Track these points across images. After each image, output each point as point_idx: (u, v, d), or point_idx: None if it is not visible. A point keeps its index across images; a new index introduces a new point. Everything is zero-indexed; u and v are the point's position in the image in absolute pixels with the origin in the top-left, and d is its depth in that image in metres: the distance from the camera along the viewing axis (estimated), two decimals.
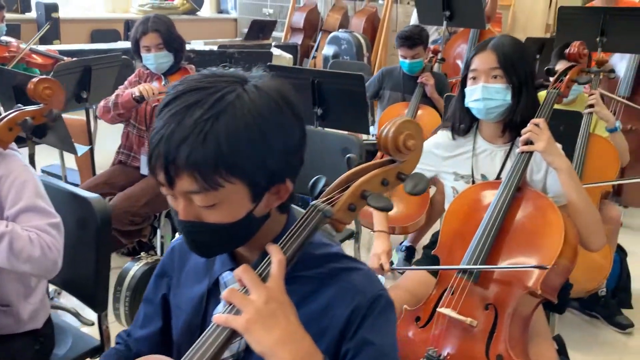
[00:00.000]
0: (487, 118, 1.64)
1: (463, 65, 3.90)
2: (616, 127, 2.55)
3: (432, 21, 3.64)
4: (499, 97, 1.59)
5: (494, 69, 1.58)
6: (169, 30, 2.45)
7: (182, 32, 7.24)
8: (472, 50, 1.65)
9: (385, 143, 0.83)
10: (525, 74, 1.60)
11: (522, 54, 1.62)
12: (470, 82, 1.63)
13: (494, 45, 1.60)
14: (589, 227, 1.54)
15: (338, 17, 6.80)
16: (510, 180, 1.49)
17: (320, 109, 2.55)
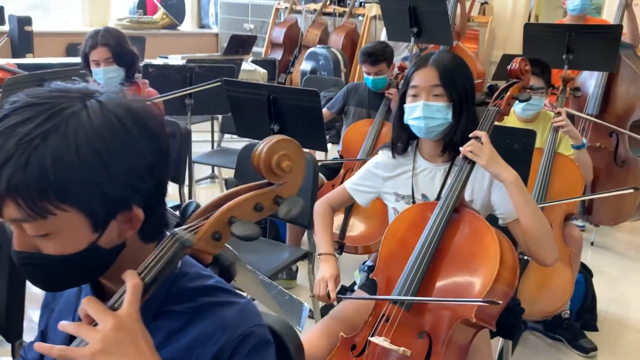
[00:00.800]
0: (427, 137, 1.59)
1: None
2: (584, 143, 2.51)
3: (401, 37, 3.61)
4: (440, 116, 1.54)
5: (435, 86, 1.54)
6: (119, 44, 2.38)
7: (161, 46, 7.22)
8: (412, 66, 1.60)
9: (258, 163, 0.77)
10: (466, 91, 1.55)
11: (462, 70, 1.57)
12: (410, 98, 1.57)
13: (435, 61, 1.55)
14: (542, 241, 1.48)
15: (317, 33, 6.80)
16: (447, 201, 1.43)
17: (276, 126, 2.49)
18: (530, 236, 1.47)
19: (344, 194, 1.76)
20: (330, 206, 1.77)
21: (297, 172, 0.79)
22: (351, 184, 1.75)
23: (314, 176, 2.21)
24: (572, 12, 3.59)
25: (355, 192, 1.74)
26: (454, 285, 1.37)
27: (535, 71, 2.52)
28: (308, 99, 2.39)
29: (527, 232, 1.47)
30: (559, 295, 2.31)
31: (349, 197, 1.75)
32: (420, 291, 1.37)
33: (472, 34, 5.70)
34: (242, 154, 2.38)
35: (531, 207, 1.47)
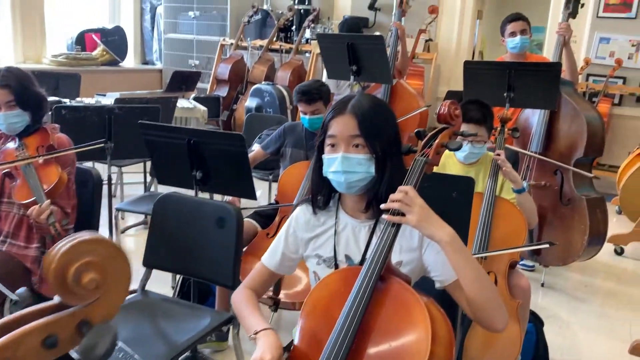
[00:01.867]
0: (348, 192, 1.40)
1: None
2: (524, 187, 2.38)
3: (340, 76, 3.48)
4: (361, 170, 1.35)
5: (355, 136, 1.35)
6: (23, 85, 2.13)
7: (103, 82, 6.92)
8: (330, 112, 1.42)
9: (47, 274, 0.54)
10: (390, 140, 1.38)
11: (385, 116, 1.40)
12: (328, 149, 1.39)
13: (354, 107, 1.37)
14: (488, 306, 1.28)
15: (264, 69, 6.67)
16: (370, 269, 1.23)
17: (199, 172, 2.27)
18: (475, 302, 1.28)
19: (263, 272, 1.53)
20: (251, 290, 1.52)
21: (111, 286, 0.55)
22: (268, 257, 1.53)
23: (237, 231, 1.99)
24: (511, 50, 3.54)
25: (275, 265, 1.51)
26: None
27: (477, 118, 2.40)
28: (232, 144, 2.19)
29: (470, 297, 1.28)
30: (507, 352, 2.14)
31: (270, 273, 1.52)
32: None
33: (417, 71, 5.67)
34: (157, 207, 2.14)
35: (473, 270, 1.28)
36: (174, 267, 2.19)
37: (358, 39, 3.30)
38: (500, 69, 3.08)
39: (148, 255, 2.17)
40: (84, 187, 2.40)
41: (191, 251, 2.09)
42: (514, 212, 2.31)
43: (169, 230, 2.14)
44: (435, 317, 1.19)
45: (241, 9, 7.10)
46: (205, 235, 2.07)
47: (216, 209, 2.07)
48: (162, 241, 2.15)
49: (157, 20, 7.81)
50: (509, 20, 3.51)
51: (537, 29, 7.16)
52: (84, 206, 2.40)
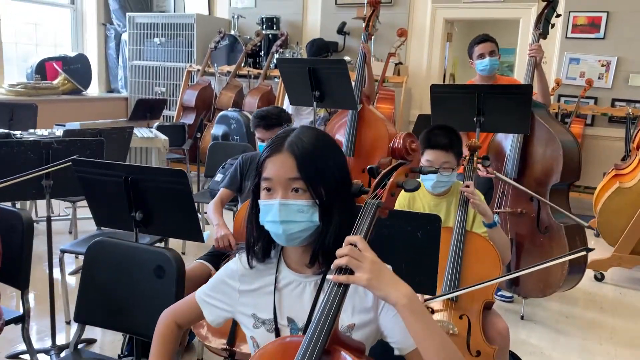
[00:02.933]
0: (289, 244, 1.19)
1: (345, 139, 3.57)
2: (494, 221, 2.19)
3: (303, 102, 3.30)
4: (302, 218, 1.14)
5: (294, 179, 1.14)
6: None
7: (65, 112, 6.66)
8: (264, 149, 1.21)
9: None
10: (336, 181, 1.17)
11: (329, 154, 1.18)
12: (264, 193, 1.17)
13: (292, 145, 1.16)
14: None
15: (231, 96, 6.49)
16: (313, 340, 1.01)
17: (139, 214, 2.04)
18: None
19: (192, 306, 1.32)
20: (175, 322, 1.34)
21: None
22: (202, 293, 1.31)
23: (177, 282, 1.76)
24: (481, 73, 3.40)
25: (205, 305, 1.30)
26: None
27: (443, 144, 2.22)
28: (173, 181, 1.96)
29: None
30: None
31: (199, 310, 1.31)
32: None
33: (388, 95, 5.54)
34: (89, 254, 1.89)
35: (435, 337, 1.06)
36: (108, 323, 1.93)
37: (319, 63, 3.13)
38: (469, 92, 2.93)
39: (79, 309, 1.91)
40: (12, 232, 2.14)
41: (127, 304, 1.85)
42: (486, 247, 2.12)
43: (103, 280, 1.89)
44: None
45: (208, 35, 6.94)
46: (142, 286, 1.83)
47: (154, 256, 1.82)
48: (95, 293, 1.89)
49: (122, 48, 7.60)
50: (476, 42, 3.37)
51: (507, 51, 7.14)
52: (12, 252, 2.14)
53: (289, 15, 6.92)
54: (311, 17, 6.91)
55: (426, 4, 6.26)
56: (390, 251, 1.72)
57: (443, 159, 2.22)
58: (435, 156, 2.22)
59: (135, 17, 7.35)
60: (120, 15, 7.50)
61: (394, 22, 6.18)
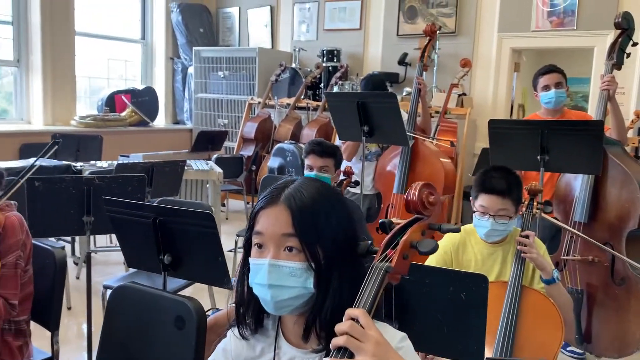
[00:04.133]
0: (278, 313, 1.03)
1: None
2: (554, 277, 1.93)
3: (352, 137, 3.16)
4: (294, 284, 0.98)
5: (288, 236, 0.99)
6: None
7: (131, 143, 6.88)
8: (259, 200, 1.06)
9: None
10: (338, 243, 1.00)
11: (332, 209, 1.03)
12: (255, 250, 1.03)
13: (289, 197, 1.01)
14: None
15: (290, 127, 6.46)
16: None
17: (167, 257, 1.95)
18: None
19: None
20: None
21: None
22: None
23: (198, 336, 1.63)
24: (546, 105, 3.14)
25: None
26: None
27: (500, 189, 2.00)
28: (200, 223, 1.86)
29: None
30: None
31: None
32: None
33: (450, 127, 5.30)
34: (112, 300, 1.81)
35: None
36: None
37: (368, 97, 2.99)
38: (532, 128, 2.68)
39: (100, 357, 1.83)
40: (44, 271, 2.11)
41: (146, 355, 1.74)
42: (546, 305, 1.86)
43: (123, 329, 1.80)
44: None
45: (270, 68, 7.00)
46: (161, 338, 1.72)
47: (175, 305, 1.72)
48: (116, 342, 1.80)
49: (188, 81, 7.81)
50: (541, 73, 3.12)
51: (580, 81, 6.71)
52: (45, 292, 2.11)
53: (349, 47, 6.86)
54: (372, 49, 6.82)
55: (492, 33, 6.01)
56: (430, 313, 1.53)
57: (499, 206, 1.99)
58: (490, 202, 2.00)
59: (201, 52, 7.54)
60: (187, 50, 7.73)
61: (457, 52, 5.97)
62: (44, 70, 6.26)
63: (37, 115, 6.41)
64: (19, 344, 2.00)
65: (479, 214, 2.01)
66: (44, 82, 6.30)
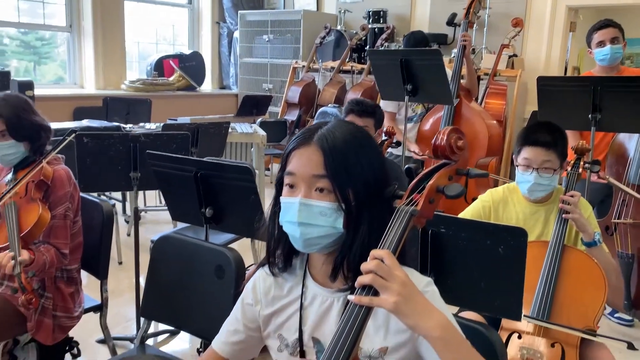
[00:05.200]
0: (307, 251, 1.04)
1: None
2: (595, 240, 1.87)
3: (394, 96, 3.10)
4: (324, 223, 0.99)
5: (319, 177, 0.99)
6: (17, 114, 1.97)
7: (178, 108, 7.01)
8: (292, 141, 1.06)
9: None
10: (369, 185, 0.99)
11: (364, 153, 1.01)
12: (286, 190, 1.04)
13: (322, 138, 1.01)
14: None
15: (334, 92, 6.41)
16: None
17: (209, 209, 2.00)
18: None
19: (214, 358, 1.18)
20: None
21: None
22: (223, 337, 1.18)
23: (237, 284, 1.68)
24: (600, 63, 2.99)
25: (227, 349, 1.16)
26: None
27: (545, 141, 1.93)
28: (239, 177, 1.89)
29: None
30: None
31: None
32: None
33: (499, 89, 5.13)
34: (155, 250, 1.88)
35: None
36: (170, 320, 1.91)
37: (412, 54, 2.92)
38: (583, 85, 2.56)
39: (146, 304, 1.91)
40: (93, 223, 2.21)
41: (187, 303, 1.81)
42: (588, 265, 1.80)
43: (167, 277, 1.87)
44: None
45: (315, 31, 6.92)
46: (202, 286, 1.78)
47: (215, 255, 1.76)
48: (160, 289, 1.88)
49: (234, 45, 7.84)
50: (596, 28, 2.96)
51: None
52: (94, 242, 2.21)
53: (396, 8, 6.69)
54: (419, 9, 6.63)
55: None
56: (467, 267, 1.51)
57: (543, 157, 1.92)
58: (534, 154, 1.93)
59: (246, 15, 7.53)
60: (232, 14, 7.73)
61: (508, 10, 5.72)
62: (95, 36, 6.42)
63: (90, 80, 6.60)
64: (71, 291, 2.11)
65: (522, 168, 1.95)
66: (95, 47, 6.46)
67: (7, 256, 1.73)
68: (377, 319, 1.01)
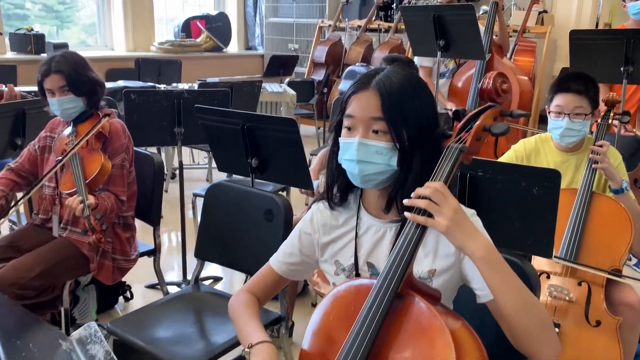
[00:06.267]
0: (364, 186, 1.16)
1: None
2: (622, 187, 1.95)
3: (427, 52, 3.16)
4: (379, 161, 1.10)
5: (376, 119, 1.10)
6: (76, 71, 2.10)
7: (206, 68, 7.09)
8: (351, 86, 1.16)
9: None
10: (421, 128, 1.10)
11: (418, 98, 1.12)
12: (345, 131, 1.14)
13: (379, 83, 1.11)
14: (531, 335, 1.01)
15: (361, 51, 6.43)
16: (386, 282, 0.98)
17: (255, 160, 2.12)
18: (515, 327, 1.02)
19: (269, 275, 1.31)
20: (252, 294, 1.30)
21: None
22: (280, 257, 1.31)
23: (285, 227, 1.82)
24: (634, 17, 3.00)
25: (284, 268, 1.29)
26: None
27: (577, 88, 2.01)
28: (284, 129, 2.01)
29: (510, 322, 1.02)
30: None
31: (277, 277, 1.30)
32: None
33: (528, 46, 5.11)
34: (208, 196, 2.02)
35: (514, 291, 1.01)
36: (223, 260, 2.07)
37: (445, 9, 2.96)
38: (616, 38, 2.59)
39: (199, 246, 2.07)
40: (145, 174, 2.36)
41: (239, 244, 1.96)
42: (615, 209, 1.90)
43: (220, 220, 2.02)
44: (464, 345, 0.93)
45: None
46: (253, 229, 1.92)
47: (265, 200, 1.90)
48: (213, 231, 2.04)
49: (259, 5, 7.84)
50: None
51: None
52: (146, 192, 2.37)
53: None
54: None
55: None
56: (502, 208, 1.62)
57: (575, 104, 1.99)
58: (566, 100, 2.01)
59: None
60: None
61: None
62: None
63: (120, 42, 6.72)
64: (127, 236, 2.28)
65: (555, 115, 2.03)
66: (124, 9, 6.55)
67: (77, 200, 1.89)
68: (427, 246, 1.13)
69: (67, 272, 2.13)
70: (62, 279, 2.11)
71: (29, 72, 5.65)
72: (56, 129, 2.26)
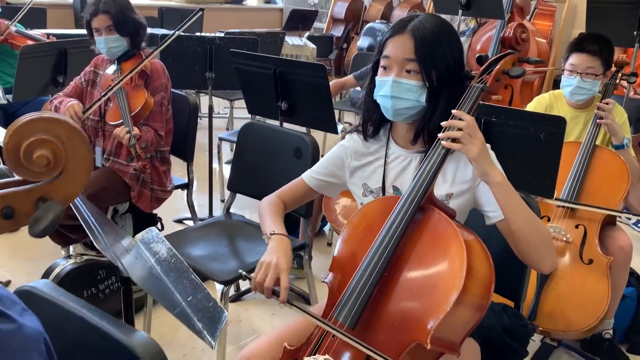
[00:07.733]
0: (395, 119, 1.33)
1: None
2: (623, 144, 2.12)
3: (448, 10, 3.27)
4: (410, 97, 1.27)
5: (409, 60, 1.26)
6: (122, 12, 2.26)
7: (226, 20, 7.16)
8: (389, 30, 1.32)
9: (4, 146, 0.55)
10: (449, 69, 1.26)
11: (448, 43, 1.27)
12: (381, 71, 1.31)
13: (414, 29, 1.26)
14: (536, 247, 1.22)
15: (380, 8, 6.49)
16: (409, 198, 1.17)
17: (284, 103, 2.29)
18: (522, 242, 1.23)
19: (300, 187, 1.49)
20: (281, 199, 1.49)
21: (70, 168, 0.57)
22: (313, 173, 1.49)
23: (313, 161, 2.00)
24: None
25: (315, 183, 1.47)
26: (406, 306, 1.12)
27: (591, 49, 2.15)
28: (313, 74, 2.17)
29: (518, 238, 1.23)
30: (588, 310, 1.96)
31: (307, 189, 1.48)
32: (367, 308, 1.14)
33: (547, 10, 5.16)
34: (241, 134, 2.20)
35: (522, 212, 1.21)
36: (254, 193, 2.26)
37: None
38: (631, 2, 2.70)
39: (232, 179, 2.26)
40: (181, 113, 2.54)
41: (270, 179, 2.15)
42: (614, 160, 2.07)
43: (251, 156, 2.21)
44: (475, 252, 1.12)
45: None
46: (283, 165, 2.11)
47: (294, 139, 2.08)
48: (245, 168, 2.22)
49: None
50: None
51: None
52: (182, 130, 2.55)
53: None
54: None
55: None
56: (512, 151, 1.79)
57: (588, 64, 2.14)
58: (579, 60, 2.16)
59: None
60: None
61: None
62: None
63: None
64: (164, 169, 2.48)
65: (568, 73, 2.18)
66: None
67: (124, 130, 2.09)
68: (446, 174, 1.32)
69: (112, 197, 2.34)
70: (107, 202, 2.32)
71: (58, 15, 5.80)
72: (100, 65, 2.43)
